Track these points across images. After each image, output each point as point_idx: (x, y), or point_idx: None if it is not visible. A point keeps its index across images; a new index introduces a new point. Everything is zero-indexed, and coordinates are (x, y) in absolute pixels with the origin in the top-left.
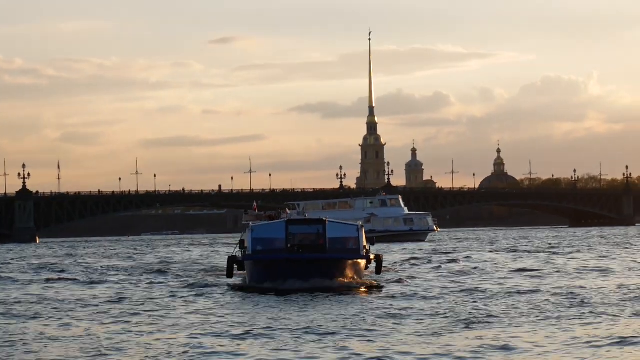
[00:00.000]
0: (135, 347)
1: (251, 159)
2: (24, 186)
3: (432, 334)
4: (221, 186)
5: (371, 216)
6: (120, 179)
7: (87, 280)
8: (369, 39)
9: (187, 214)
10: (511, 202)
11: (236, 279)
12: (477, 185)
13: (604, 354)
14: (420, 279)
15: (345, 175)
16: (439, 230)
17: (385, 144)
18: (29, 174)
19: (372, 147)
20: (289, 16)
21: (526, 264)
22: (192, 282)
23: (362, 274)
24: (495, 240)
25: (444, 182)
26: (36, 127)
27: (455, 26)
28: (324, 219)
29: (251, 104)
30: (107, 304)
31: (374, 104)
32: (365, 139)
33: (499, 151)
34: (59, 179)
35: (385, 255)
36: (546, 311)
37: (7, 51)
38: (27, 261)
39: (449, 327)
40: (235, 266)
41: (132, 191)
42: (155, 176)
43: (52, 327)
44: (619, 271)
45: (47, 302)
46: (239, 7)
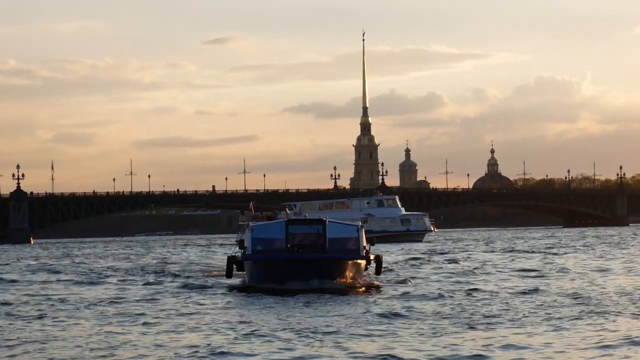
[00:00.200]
0: (137, 348)
1: (245, 160)
2: (18, 187)
3: (439, 334)
4: (215, 187)
5: (368, 216)
6: (114, 180)
7: (88, 281)
8: (363, 40)
9: (180, 215)
10: (505, 203)
11: (235, 280)
12: (470, 185)
13: (613, 353)
14: (423, 280)
15: (339, 175)
16: (436, 230)
17: (379, 144)
18: (23, 175)
19: (365, 148)
20: (282, 17)
21: (527, 264)
22: (191, 282)
23: (362, 275)
24: (492, 240)
25: (437, 183)
26: (30, 127)
27: (448, 27)
28: (324, 219)
29: (245, 105)
30: (108, 305)
31: (368, 105)
32: (359, 139)
33: (492, 151)
34: (53, 179)
35: (383, 255)
36: (553, 311)
37: (1, 52)
38: (26, 262)
39: (456, 327)
40: (234, 266)
41: (126, 192)
42: (149, 177)
43: (57, 328)
44: (621, 271)
45: (50, 302)
46: (233, 8)
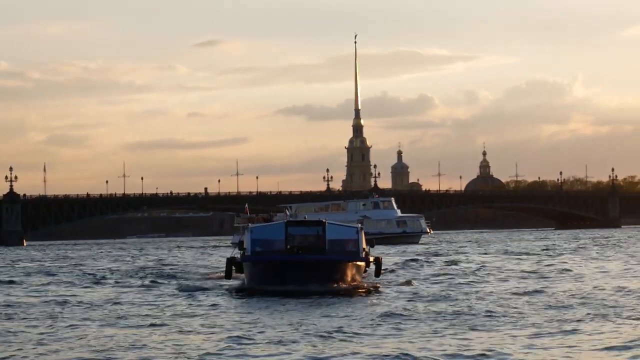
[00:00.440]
0: (139, 350)
1: (238, 162)
2: (11, 189)
3: (447, 334)
4: (207, 189)
5: (364, 218)
6: (107, 182)
7: (88, 283)
8: (355, 42)
9: (172, 217)
10: (497, 205)
11: (234, 282)
12: (463, 187)
13: (619, 354)
14: (425, 281)
15: (332, 177)
16: (431, 232)
17: (371, 146)
18: (16, 177)
19: (358, 150)
20: (274, 19)
21: (527, 265)
22: (189, 284)
23: (361, 276)
24: (488, 242)
25: (429, 185)
26: (22, 129)
27: (440, 29)
28: (323, 220)
29: (237, 107)
30: (108, 308)
31: (360, 107)
32: (351, 141)
33: (484, 153)
34: (45, 181)
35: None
36: (558, 313)
37: None
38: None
39: (463, 328)
40: (233, 268)
41: (119, 194)
42: (142, 179)
43: (61, 329)
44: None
45: (50, 304)
46: (224, 10)
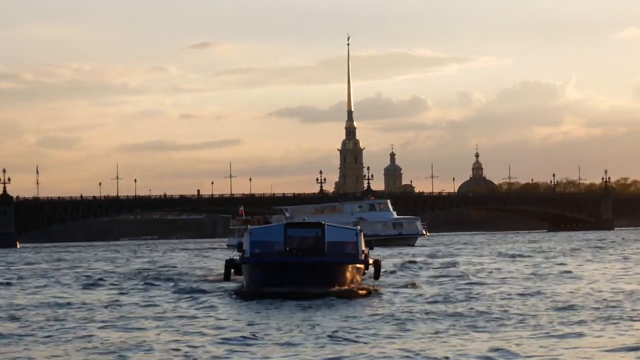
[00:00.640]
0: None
1: (232, 164)
2: (5, 191)
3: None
4: (200, 191)
5: (360, 220)
6: (100, 184)
7: (86, 285)
8: (348, 44)
9: (164, 219)
10: (490, 207)
11: (233, 284)
12: (456, 189)
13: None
14: (427, 283)
15: (325, 179)
16: (427, 234)
17: (363, 148)
18: (9, 179)
19: (350, 152)
20: (267, 21)
21: (526, 266)
22: (188, 286)
23: (360, 279)
24: (485, 243)
25: (422, 187)
26: (15, 131)
27: (433, 31)
28: (322, 222)
29: (230, 109)
30: (109, 310)
31: (353, 109)
32: (344, 143)
33: (477, 155)
34: (38, 183)
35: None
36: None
37: None
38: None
39: (472, 329)
40: (232, 270)
41: (112, 196)
42: (135, 181)
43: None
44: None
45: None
46: (218, 11)
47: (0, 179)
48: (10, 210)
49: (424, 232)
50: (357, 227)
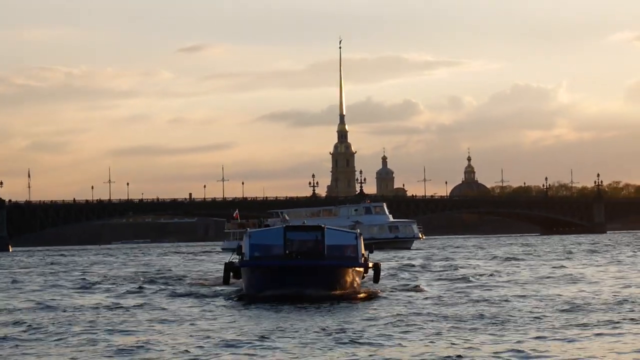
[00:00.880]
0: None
1: (224, 168)
2: None
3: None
4: (191, 194)
5: (356, 224)
6: (92, 188)
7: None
8: (340, 47)
9: (156, 223)
10: (483, 210)
11: (232, 287)
12: (448, 193)
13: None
14: (429, 285)
15: (317, 183)
16: (423, 237)
17: (355, 152)
18: (1, 183)
19: (342, 155)
20: (258, 24)
21: (527, 269)
22: (187, 290)
23: (360, 282)
24: (481, 247)
25: (414, 190)
26: (6, 135)
27: (424, 34)
28: (322, 226)
29: (221, 113)
30: (104, 313)
31: (345, 112)
32: (336, 147)
33: (469, 159)
34: (29, 187)
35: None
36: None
37: None
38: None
39: (480, 332)
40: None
41: (105, 199)
42: (128, 185)
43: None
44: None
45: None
46: (208, 15)
47: None
48: (2, 213)
49: (420, 236)
50: (357, 230)
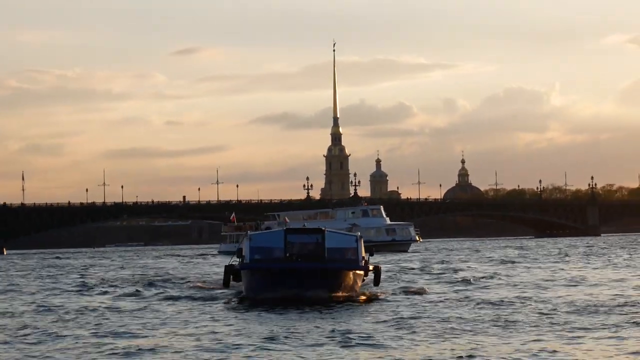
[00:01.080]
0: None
1: (218, 170)
2: None
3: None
4: (185, 197)
5: (353, 226)
6: (87, 190)
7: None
8: (334, 50)
9: (150, 226)
10: (477, 213)
11: (232, 290)
12: (442, 195)
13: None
14: (431, 289)
15: (312, 186)
16: (420, 240)
17: (349, 154)
18: None
19: (336, 158)
20: (252, 27)
21: (526, 271)
22: (186, 293)
23: (360, 285)
24: (477, 249)
25: (408, 193)
26: None
27: (417, 37)
28: (323, 228)
29: (214, 115)
30: (110, 314)
31: (338, 115)
32: (329, 149)
33: (463, 162)
34: (24, 190)
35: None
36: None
37: None
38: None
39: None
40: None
41: (99, 202)
42: (122, 187)
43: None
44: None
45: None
46: (202, 18)
47: None
48: None
49: (417, 238)
50: (357, 233)
